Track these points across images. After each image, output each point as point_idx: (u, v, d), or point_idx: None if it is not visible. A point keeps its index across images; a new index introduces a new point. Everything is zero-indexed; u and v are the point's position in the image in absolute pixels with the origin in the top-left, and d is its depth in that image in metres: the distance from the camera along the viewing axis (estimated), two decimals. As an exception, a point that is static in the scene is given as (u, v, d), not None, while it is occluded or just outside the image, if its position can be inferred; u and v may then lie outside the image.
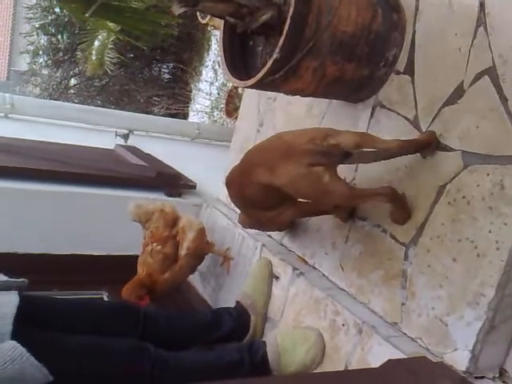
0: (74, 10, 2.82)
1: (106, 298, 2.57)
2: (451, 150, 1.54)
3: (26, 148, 3.11)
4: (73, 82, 9.09)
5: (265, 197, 1.71)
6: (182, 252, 2.26)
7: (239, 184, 1.76)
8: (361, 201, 1.75)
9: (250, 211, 1.90)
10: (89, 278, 2.22)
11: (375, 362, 1.53)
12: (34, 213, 2.56)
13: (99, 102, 8.72)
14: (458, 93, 1.55)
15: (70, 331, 1.64)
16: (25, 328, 1.49)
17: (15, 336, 1.44)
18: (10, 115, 4.21)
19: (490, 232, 1.40)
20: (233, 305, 2.10)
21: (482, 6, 1.51)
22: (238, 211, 1.98)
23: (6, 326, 1.46)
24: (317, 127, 1.74)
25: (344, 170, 1.82)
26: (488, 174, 1.43)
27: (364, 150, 1.60)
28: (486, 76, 1.47)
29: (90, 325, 1.78)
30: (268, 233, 2.29)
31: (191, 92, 8.10)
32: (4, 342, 1.39)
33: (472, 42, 1.53)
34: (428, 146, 1.59)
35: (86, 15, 2.51)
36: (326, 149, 1.51)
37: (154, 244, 2.25)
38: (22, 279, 1.75)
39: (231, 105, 6.09)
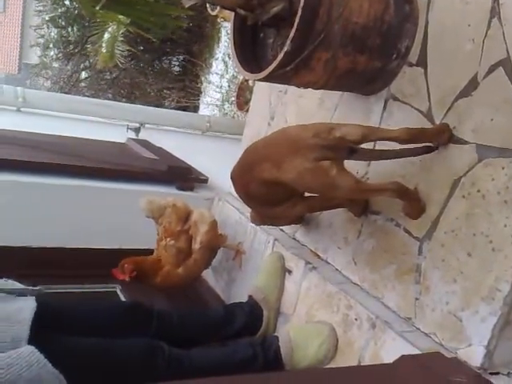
0: (85, 3, 2.82)
1: (118, 292, 2.59)
2: (465, 143, 1.52)
3: (38, 142, 3.12)
4: (83, 75, 9.12)
5: (269, 193, 1.70)
6: (196, 246, 2.27)
7: (242, 181, 1.75)
8: (368, 195, 1.74)
9: (258, 207, 1.89)
10: (102, 272, 2.22)
11: (388, 358, 1.52)
12: (46, 207, 2.57)
13: (110, 95, 8.75)
14: (472, 85, 1.52)
15: (83, 333, 1.65)
16: (41, 332, 1.49)
17: (31, 341, 1.44)
18: (22, 109, 4.23)
19: (505, 226, 1.38)
20: (245, 299, 2.10)
21: (496, -5, 1.48)
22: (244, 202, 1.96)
23: (24, 332, 1.46)
24: (321, 122, 1.72)
25: (357, 165, 1.81)
26: (503, 168, 1.41)
27: (374, 149, 1.59)
28: (501, 67, 1.45)
29: (103, 326, 1.79)
30: (280, 227, 2.28)
31: (201, 85, 8.10)
32: (22, 347, 1.39)
33: (486, 32, 1.50)
34: (439, 136, 1.57)
35: (97, 8, 2.50)
36: (333, 143, 1.50)
37: (168, 239, 2.25)
38: (38, 287, 1.77)
39: (242, 97, 6.08)
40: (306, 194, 1.82)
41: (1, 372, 1.29)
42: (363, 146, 1.57)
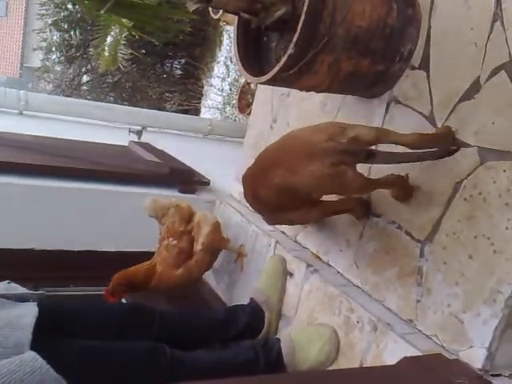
0: (88, 7, 2.84)
1: (120, 294, 2.58)
2: (467, 146, 1.53)
3: (40, 145, 3.13)
4: (85, 78, 9.15)
5: (280, 199, 1.65)
6: (198, 247, 2.26)
7: (253, 186, 1.72)
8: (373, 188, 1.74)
9: (268, 213, 1.84)
10: (104, 275, 2.23)
11: (390, 360, 1.53)
12: (49, 210, 2.58)
13: (112, 98, 8.78)
14: (475, 88, 1.53)
15: (85, 336, 1.65)
16: (43, 337, 1.48)
17: (34, 346, 1.43)
18: (24, 112, 4.24)
19: (506, 229, 1.39)
20: (247, 301, 2.10)
21: (498, 0, 1.49)
22: (252, 208, 1.95)
23: (26, 337, 1.45)
24: (330, 122, 1.68)
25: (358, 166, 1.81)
26: (505, 171, 1.41)
27: (387, 151, 1.59)
28: (503, 71, 1.45)
29: (105, 328, 1.79)
30: (282, 230, 2.29)
31: (203, 88, 8.12)
32: (24, 353, 1.39)
33: (488, 36, 1.51)
34: (445, 140, 1.57)
35: (101, 12, 2.51)
36: (349, 146, 1.46)
37: (170, 239, 2.26)
38: (40, 291, 1.77)
39: (243, 101, 6.10)
40: (322, 198, 1.79)
41: (4, 379, 1.28)
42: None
